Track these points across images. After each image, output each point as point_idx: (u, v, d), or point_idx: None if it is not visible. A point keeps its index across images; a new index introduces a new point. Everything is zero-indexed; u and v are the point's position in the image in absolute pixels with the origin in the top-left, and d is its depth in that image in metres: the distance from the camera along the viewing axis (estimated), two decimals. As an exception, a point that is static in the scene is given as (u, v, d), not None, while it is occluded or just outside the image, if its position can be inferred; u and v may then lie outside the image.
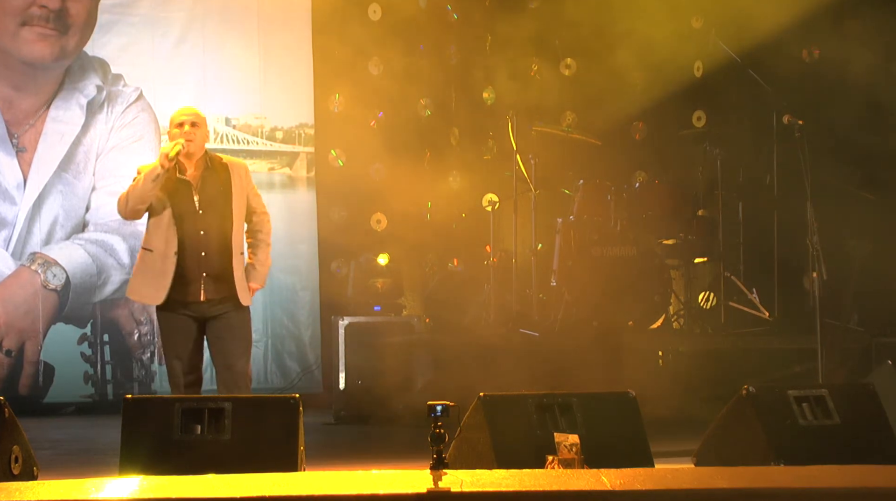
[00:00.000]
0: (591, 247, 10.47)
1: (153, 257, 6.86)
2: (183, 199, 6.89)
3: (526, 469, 5.01)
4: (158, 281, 6.84)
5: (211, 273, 6.89)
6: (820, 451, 5.69)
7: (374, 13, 11.14)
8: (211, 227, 6.91)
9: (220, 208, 6.96)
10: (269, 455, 5.53)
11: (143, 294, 7.01)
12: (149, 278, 6.88)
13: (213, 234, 6.91)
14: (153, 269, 6.86)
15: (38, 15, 10.54)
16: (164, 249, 6.85)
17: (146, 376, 10.75)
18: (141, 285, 6.93)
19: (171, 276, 6.82)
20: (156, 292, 6.86)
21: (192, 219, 6.88)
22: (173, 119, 7.01)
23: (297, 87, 11.19)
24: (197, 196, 6.91)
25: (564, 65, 11.67)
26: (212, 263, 6.89)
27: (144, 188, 6.76)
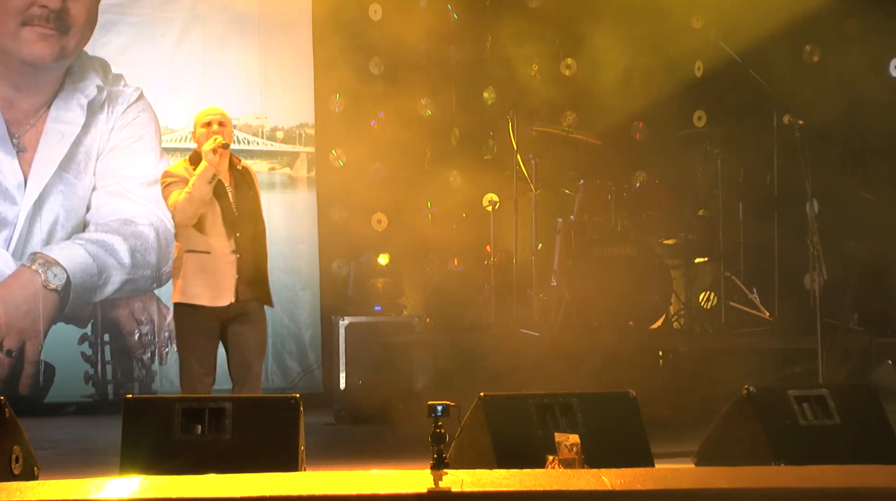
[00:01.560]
0: (592, 247, 10.47)
1: (211, 260, 6.84)
2: (223, 199, 6.91)
3: (526, 469, 5.01)
4: (220, 281, 6.83)
5: (244, 275, 6.91)
6: (820, 451, 5.69)
7: (375, 13, 11.14)
8: (246, 227, 6.95)
9: (251, 208, 7.01)
10: (270, 455, 5.53)
11: (203, 297, 6.86)
12: (212, 281, 6.83)
13: (247, 234, 6.95)
14: (213, 270, 6.83)
15: (39, 15, 10.54)
16: (221, 248, 6.85)
17: (147, 376, 10.75)
18: (200, 288, 6.84)
19: (236, 276, 6.84)
20: (218, 292, 6.83)
21: (231, 219, 6.92)
22: (199, 119, 7.03)
23: (297, 87, 11.19)
24: (232, 197, 6.95)
25: (565, 65, 11.67)
26: (247, 264, 6.92)
27: (203, 190, 6.75)
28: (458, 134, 11.50)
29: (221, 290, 6.84)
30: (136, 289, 10.78)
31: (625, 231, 10.60)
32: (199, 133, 6.98)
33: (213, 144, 6.81)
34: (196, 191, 6.76)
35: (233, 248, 6.86)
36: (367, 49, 11.13)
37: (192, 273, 6.87)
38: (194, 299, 6.87)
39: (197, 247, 6.87)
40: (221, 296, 6.84)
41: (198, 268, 6.86)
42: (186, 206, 6.78)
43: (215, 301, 6.84)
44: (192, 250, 6.89)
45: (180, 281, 6.90)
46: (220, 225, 6.87)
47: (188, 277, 6.87)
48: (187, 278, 6.88)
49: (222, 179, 6.93)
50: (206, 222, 6.86)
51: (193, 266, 6.87)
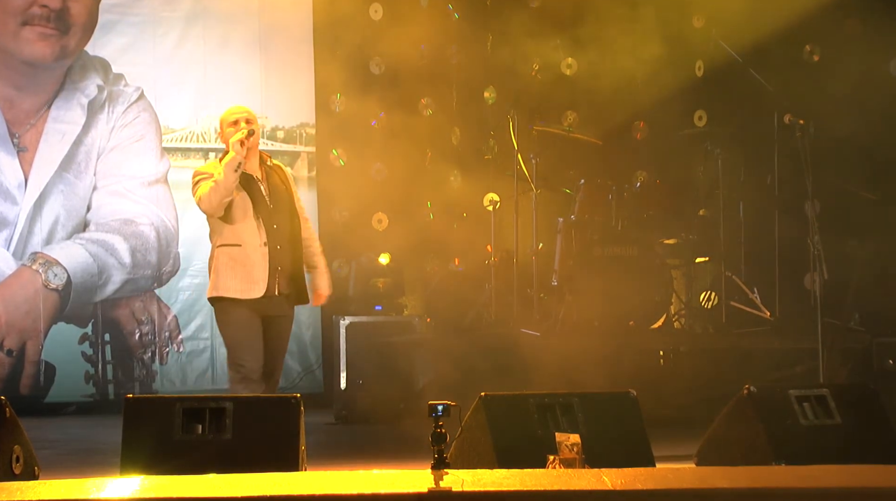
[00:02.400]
0: (593, 247, 10.47)
1: (241, 252, 6.87)
2: (254, 192, 6.94)
3: (527, 469, 5.01)
4: (254, 274, 6.85)
5: (284, 268, 6.94)
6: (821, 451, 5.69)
7: (376, 13, 11.14)
8: (283, 221, 6.99)
9: (286, 202, 7.04)
10: (270, 454, 5.53)
11: (236, 290, 6.88)
12: (242, 272, 6.85)
13: (284, 228, 6.98)
14: (245, 262, 6.86)
15: (39, 15, 10.53)
16: (252, 240, 6.87)
17: (147, 375, 10.75)
18: (234, 281, 6.87)
19: (268, 267, 6.86)
20: (251, 285, 6.85)
21: (266, 212, 6.94)
22: (225, 119, 7.05)
23: (298, 86, 11.19)
24: (266, 190, 6.97)
25: (565, 64, 11.66)
26: (285, 257, 6.94)
27: (228, 179, 6.78)
28: (459, 134, 11.50)
29: (253, 281, 6.86)
30: (137, 289, 10.78)
31: (625, 231, 10.60)
32: (227, 132, 6.99)
33: (240, 135, 6.84)
34: (222, 179, 6.79)
35: (264, 240, 6.88)
36: (368, 49, 11.13)
37: (223, 266, 6.91)
38: (226, 292, 6.90)
39: (228, 240, 6.92)
40: (253, 288, 6.86)
41: (229, 260, 6.89)
42: (212, 194, 6.81)
43: (247, 293, 6.86)
44: (223, 245, 6.92)
45: (213, 276, 6.94)
46: (251, 217, 6.90)
47: (220, 270, 6.92)
48: (219, 271, 6.92)
49: (253, 173, 6.95)
50: (235, 213, 6.90)
51: (225, 259, 6.90)
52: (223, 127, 7.08)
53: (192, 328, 10.91)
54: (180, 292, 10.92)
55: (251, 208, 6.91)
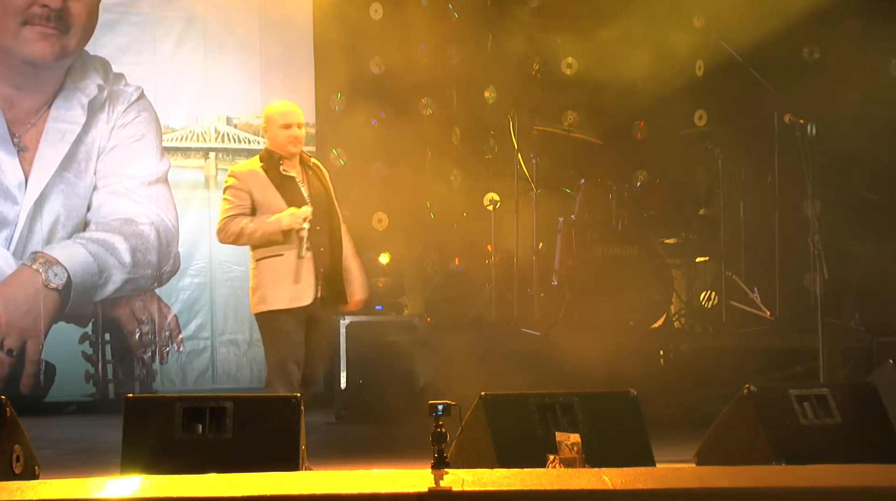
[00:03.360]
0: (593, 246, 10.48)
1: (285, 261, 6.72)
2: (295, 195, 6.81)
3: (527, 469, 5.01)
4: (301, 282, 6.71)
5: (326, 270, 6.83)
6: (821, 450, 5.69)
7: (376, 12, 11.13)
8: (323, 222, 6.85)
9: (325, 203, 6.91)
10: (271, 454, 5.53)
11: (284, 300, 6.72)
12: (288, 282, 6.71)
13: (324, 230, 6.85)
14: (290, 271, 6.71)
15: (40, 14, 10.53)
16: (294, 249, 6.73)
17: (147, 375, 10.75)
18: (282, 291, 6.72)
19: (314, 273, 6.74)
20: (301, 293, 6.72)
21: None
22: (275, 118, 6.88)
23: (298, 86, 11.17)
24: (306, 191, 6.86)
25: (566, 64, 11.66)
26: (326, 259, 6.83)
27: (263, 237, 6.70)
28: (459, 133, 11.50)
29: (301, 289, 6.73)
30: (137, 288, 10.78)
31: (626, 230, 10.60)
32: (277, 134, 6.82)
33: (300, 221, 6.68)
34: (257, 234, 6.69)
35: (307, 245, 6.74)
36: (368, 48, 11.13)
37: (268, 279, 6.75)
38: (276, 305, 6.74)
39: (270, 252, 6.76)
40: (301, 296, 6.73)
41: (273, 272, 6.74)
42: (239, 239, 6.75)
43: (296, 302, 6.73)
44: (266, 257, 6.77)
45: (260, 290, 6.77)
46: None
47: (265, 284, 6.76)
48: (264, 285, 6.76)
49: (294, 174, 6.85)
50: None
51: (268, 271, 6.76)
52: (270, 124, 6.88)
53: (192, 327, 10.91)
54: (180, 291, 10.92)
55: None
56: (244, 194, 6.80)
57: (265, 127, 6.98)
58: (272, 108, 6.96)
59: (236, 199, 6.80)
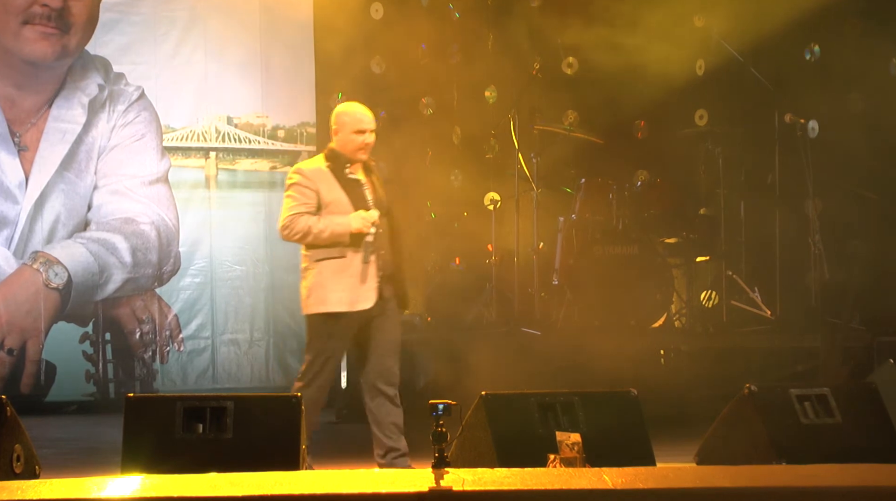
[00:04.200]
0: (593, 246, 10.48)
1: (347, 263, 6.67)
2: (360, 199, 6.75)
3: (528, 468, 5.01)
4: (361, 284, 6.65)
5: (387, 272, 6.76)
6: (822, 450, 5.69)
7: (376, 12, 11.13)
8: (385, 224, 6.80)
9: (385, 205, 6.86)
10: (271, 453, 5.54)
11: (343, 303, 6.67)
12: (349, 284, 6.66)
13: (385, 232, 6.79)
14: (351, 273, 6.66)
15: (40, 14, 10.52)
16: (356, 250, 6.68)
17: (148, 374, 10.75)
18: (340, 293, 6.66)
19: (377, 276, 6.68)
20: (358, 295, 6.65)
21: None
22: (349, 123, 6.84)
23: (298, 85, 11.17)
24: (370, 196, 6.80)
25: (566, 63, 11.66)
26: (388, 262, 6.77)
27: (332, 237, 6.64)
28: (460, 133, 11.49)
29: (362, 292, 6.67)
30: (138, 288, 10.77)
31: (626, 230, 10.60)
32: (349, 138, 6.76)
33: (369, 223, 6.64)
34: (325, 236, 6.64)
35: (371, 249, 6.68)
36: (369, 48, 11.12)
37: (328, 280, 6.68)
38: (336, 307, 6.67)
39: (331, 254, 6.70)
40: (362, 299, 6.67)
41: (333, 273, 6.68)
42: (303, 238, 6.68)
43: (356, 305, 6.67)
44: (326, 258, 6.71)
45: (316, 290, 6.70)
46: None
47: (325, 285, 6.69)
48: (324, 286, 6.69)
49: (360, 178, 6.80)
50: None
51: (329, 273, 6.69)
52: (343, 128, 6.83)
53: (192, 327, 10.91)
54: (181, 291, 10.91)
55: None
56: (311, 193, 6.73)
57: (335, 128, 6.88)
58: (346, 110, 6.93)
59: (302, 197, 6.74)
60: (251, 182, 11.13)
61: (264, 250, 11.01)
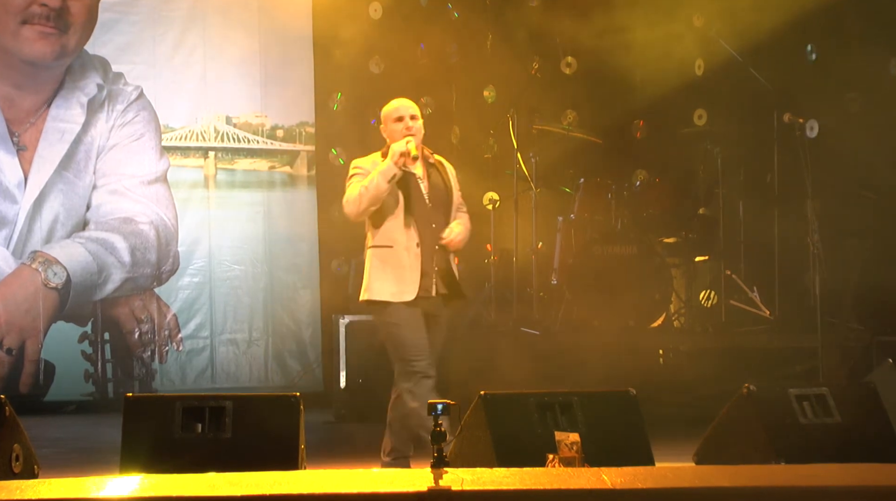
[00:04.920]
0: (592, 245, 10.48)
1: (394, 253, 6.70)
2: (413, 191, 6.77)
3: (526, 468, 5.01)
4: (407, 275, 6.68)
5: (441, 267, 6.77)
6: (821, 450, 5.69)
7: (375, 12, 11.13)
8: (440, 220, 6.80)
9: (444, 201, 6.86)
10: (270, 453, 5.54)
11: (387, 293, 6.69)
12: (394, 274, 6.69)
13: (441, 227, 6.79)
14: (397, 264, 6.69)
15: (39, 13, 10.52)
16: (405, 242, 6.70)
17: (147, 374, 10.75)
18: (386, 283, 6.70)
19: (420, 269, 6.68)
20: (403, 287, 6.67)
21: (424, 211, 6.77)
22: (388, 114, 6.91)
23: (297, 85, 11.18)
24: (425, 189, 6.82)
25: (565, 63, 11.66)
26: (442, 257, 6.77)
27: (380, 189, 6.62)
28: (459, 133, 11.49)
29: (404, 284, 6.68)
30: (137, 288, 10.78)
31: (625, 230, 10.61)
32: (391, 129, 6.83)
33: (404, 146, 6.67)
34: (372, 187, 6.63)
35: (417, 240, 6.70)
36: (368, 48, 11.12)
37: (375, 269, 6.74)
38: (379, 296, 6.72)
39: (379, 242, 6.76)
40: (404, 291, 6.68)
41: (380, 263, 6.74)
42: (359, 200, 6.66)
43: (399, 296, 6.68)
44: (375, 246, 6.78)
45: (366, 278, 6.78)
46: (404, 217, 6.73)
47: (372, 273, 6.75)
48: (372, 274, 6.75)
49: (414, 170, 6.80)
50: (385, 215, 6.74)
51: (376, 262, 6.75)
52: (386, 122, 6.89)
53: (191, 326, 10.91)
54: (180, 291, 10.91)
55: (404, 207, 6.73)
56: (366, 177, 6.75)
57: (382, 127, 6.96)
58: (385, 107, 6.99)
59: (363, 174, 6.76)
60: (250, 182, 11.13)
61: (263, 250, 11.02)
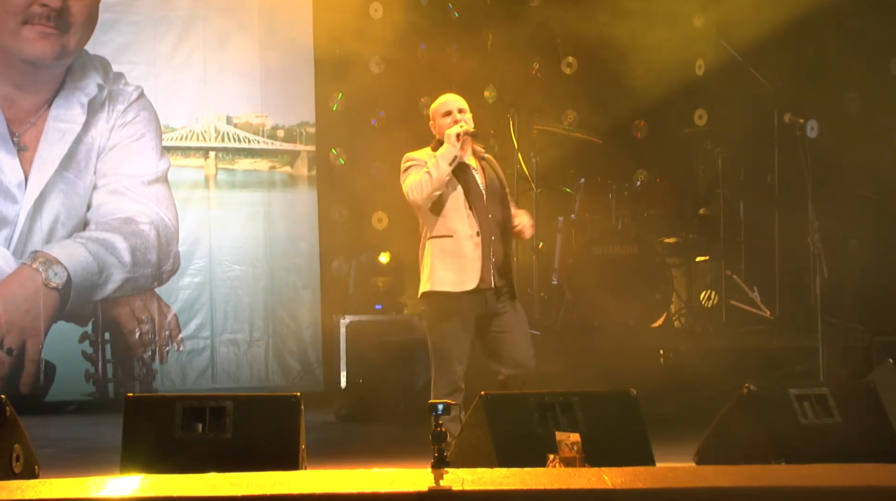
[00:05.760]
0: (593, 245, 10.49)
1: (455, 242, 6.70)
2: (471, 181, 6.79)
3: (527, 468, 5.01)
4: (466, 265, 6.68)
5: (498, 258, 6.76)
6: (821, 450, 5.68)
7: (376, 12, 11.13)
8: (496, 211, 6.81)
9: (499, 194, 6.86)
10: (271, 453, 5.53)
11: (449, 282, 6.69)
12: (455, 264, 6.69)
13: (497, 218, 6.80)
14: (458, 254, 6.69)
15: (40, 13, 10.53)
16: (466, 231, 6.70)
17: (147, 374, 10.75)
18: (447, 273, 6.70)
19: (481, 259, 6.67)
20: (464, 277, 6.67)
21: (481, 202, 6.77)
22: (437, 110, 6.92)
23: (298, 85, 11.18)
24: (482, 180, 6.83)
25: (566, 63, 11.67)
26: (499, 248, 6.77)
27: (442, 172, 6.64)
28: (459, 133, 11.48)
29: (466, 273, 6.67)
30: (137, 288, 10.78)
31: (626, 230, 10.61)
32: (440, 124, 6.85)
33: (458, 128, 6.72)
34: (436, 170, 6.65)
35: (477, 230, 6.71)
36: (368, 48, 11.12)
37: (436, 259, 6.73)
38: (441, 286, 6.71)
39: (439, 232, 6.75)
40: (466, 280, 6.67)
41: (441, 253, 6.73)
42: (424, 185, 6.65)
43: (461, 286, 6.67)
44: (434, 236, 6.76)
45: (426, 270, 6.77)
46: (464, 207, 6.73)
47: (433, 264, 6.74)
48: (432, 265, 6.74)
49: (468, 163, 6.81)
50: (446, 204, 6.74)
51: (437, 251, 6.74)
52: (435, 118, 6.92)
53: (192, 326, 10.91)
54: (180, 291, 10.91)
55: (463, 197, 6.73)
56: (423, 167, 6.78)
57: (431, 124, 6.99)
58: (433, 104, 7.03)
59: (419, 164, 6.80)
60: (250, 182, 11.14)
61: (263, 250, 11.02)
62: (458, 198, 6.75)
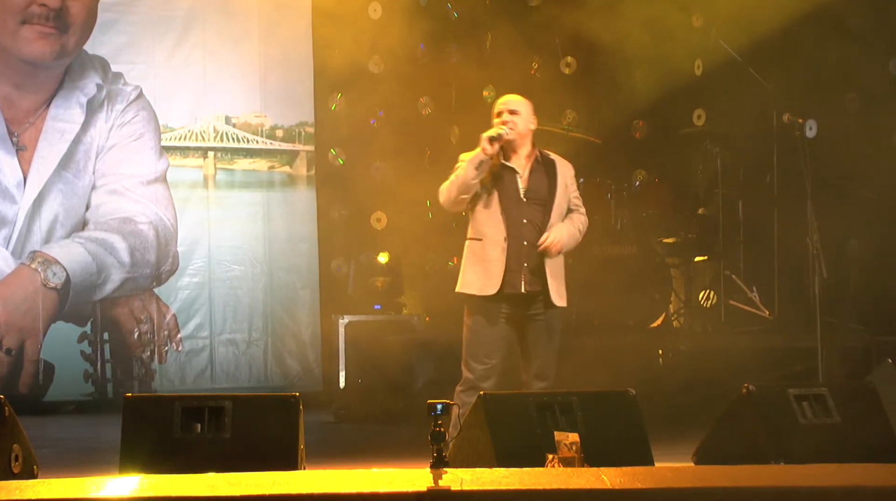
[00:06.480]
0: (592, 245, 10.48)
1: (482, 246, 6.73)
2: (508, 185, 6.77)
3: (526, 468, 5.01)
4: (490, 269, 6.69)
5: (531, 264, 6.74)
6: (820, 450, 5.69)
7: (375, 12, 11.13)
8: (533, 216, 6.78)
9: (543, 199, 6.82)
10: (270, 453, 5.54)
11: (474, 285, 6.73)
12: (480, 268, 6.72)
13: (537, 224, 6.78)
14: (484, 257, 6.71)
15: (39, 13, 10.53)
16: (493, 235, 6.72)
17: (146, 374, 10.75)
18: (473, 276, 6.74)
19: (504, 264, 6.68)
20: (487, 281, 6.68)
21: (516, 206, 6.76)
22: (494, 108, 6.97)
23: (297, 85, 11.18)
24: (522, 184, 6.80)
25: (565, 63, 11.66)
26: (532, 253, 6.74)
27: (467, 177, 6.65)
28: (458, 133, 11.49)
29: (490, 278, 6.68)
30: (136, 288, 10.78)
31: (625, 230, 10.61)
32: (493, 124, 6.87)
33: (491, 131, 6.71)
34: (460, 175, 6.67)
35: (505, 235, 6.71)
36: (367, 48, 11.12)
37: (467, 261, 6.80)
38: (467, 288, 6.76)
39: (472, 234, 6.81)
40: (488, 285, 6.68)
41: (471, 255, 6.78)
42: (448, 188, 6.72)
43: (483, 290, 6.70)
44: (469, 239, 6.82)
45: (460, 270, 6.84)
46: (496, 211, 6.74)
47: (464, 265, 6.81)
48: (464, 266, 6.81)
49: (515, 166, 6.81)
50: (477, 207, 6.77)
51: (468, 254, 6.80)
52: (493, 118, 6.93)
53: (191, 327, 10.91)
54: (179, 291, 10.91)
55: (497, 201, 6.75)
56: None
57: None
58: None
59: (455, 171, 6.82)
60: (249, 182, 11.14)
61: (263, 250, 11.02)
62: (492, 202, 6.77)
